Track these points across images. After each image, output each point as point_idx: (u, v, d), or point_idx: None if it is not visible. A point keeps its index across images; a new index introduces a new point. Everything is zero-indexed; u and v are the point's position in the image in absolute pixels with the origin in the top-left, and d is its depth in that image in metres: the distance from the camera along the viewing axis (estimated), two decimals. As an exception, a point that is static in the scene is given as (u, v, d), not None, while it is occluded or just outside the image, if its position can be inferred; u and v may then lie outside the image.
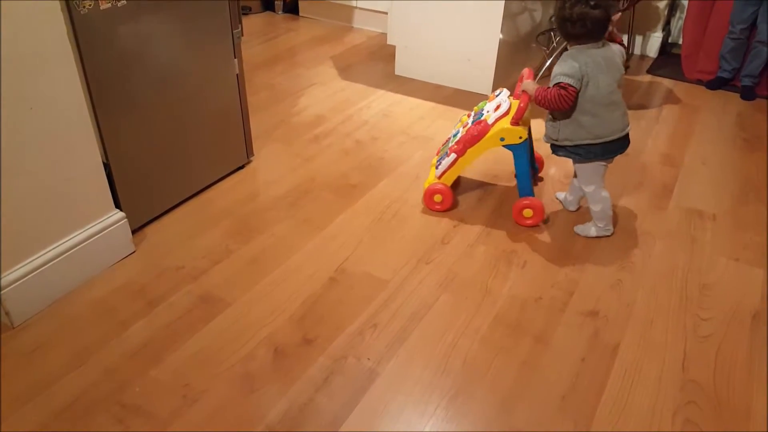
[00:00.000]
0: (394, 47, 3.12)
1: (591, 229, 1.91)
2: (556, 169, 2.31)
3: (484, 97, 2.89)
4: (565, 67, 1.66)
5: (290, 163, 2.31)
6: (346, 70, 3.17)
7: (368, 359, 1.48)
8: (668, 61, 3.39)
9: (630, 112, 2.78)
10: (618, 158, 2.35)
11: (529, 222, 1.94)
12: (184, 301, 1.65)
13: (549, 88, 1.69)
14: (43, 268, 1.58)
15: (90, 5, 1.52)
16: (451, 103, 2.83)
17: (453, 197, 2.01)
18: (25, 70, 1.40)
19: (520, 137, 1.82)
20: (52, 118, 1.49)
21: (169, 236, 1.90)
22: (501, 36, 2.74)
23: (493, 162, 2.33)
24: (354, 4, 3.70)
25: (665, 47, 3.51)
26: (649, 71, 3.27)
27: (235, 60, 2.06)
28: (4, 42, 1.34)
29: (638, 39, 3.47)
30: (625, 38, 3.40)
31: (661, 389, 1.42)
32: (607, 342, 1.55)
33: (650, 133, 2.61)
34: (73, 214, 1.64)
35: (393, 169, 2.29)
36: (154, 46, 1.74)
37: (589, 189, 1.84)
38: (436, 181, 1.99)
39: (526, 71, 1.89)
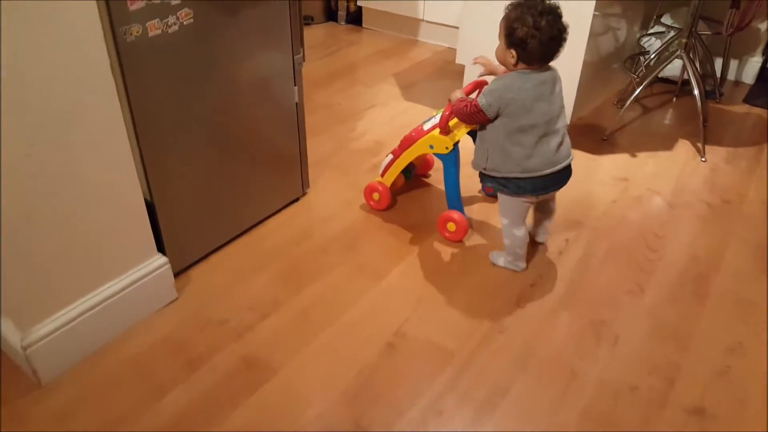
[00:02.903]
0: (462, 64, 2.89)
1: (500, 259, 1.78)
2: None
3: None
4: (490, 92, 1.51)
5: (346, 196, 2.12)
6: (409, 89, 2.97)
7: (431, 454, 1.27)
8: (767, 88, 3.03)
9: (725, 150, 2.50)
10: (717, 206, 2.07)
11: (449, 236, 1.90)
12: (226, 364, 1.48)
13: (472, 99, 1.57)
14: (76, 320, 1.44)
15: (138, 32, 1.37)
16: (523, 131, 2.58)
17: (390, 198, 2.01)
18: (63, 109, 1.25)
19: (447, 147, 1.78)
20: (92, 158, 1.34)
21: (216, 281, 1.74)
22: (585, 57, 2.47)
23: (575, 203, 2.08)
24: (421, 16, 3.49)
25: (764, 73, 3.14)
26: (745, 100, 2.92)
27: (295, 88, 1.88)
28: (41, 78, 1.20)
29: (733, 63, 3.13)
30: (719, 62, 3.07)
31: None
32: (719, 451, 1.29)
33: (752, 176, 2.30)
34: (111, 261, 1.49)
35: (460, 209, 2.07)
36: (206, 74, 1.58)
37: (504, 222, 1.70)
38: (379, 179, 2.01)
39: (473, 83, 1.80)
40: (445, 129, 1.78)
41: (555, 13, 1.46)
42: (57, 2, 1.17)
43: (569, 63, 2.49)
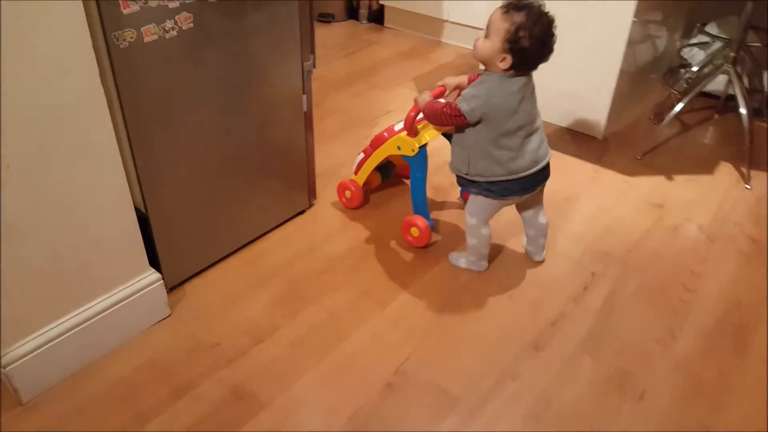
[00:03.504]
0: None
1: (461, 260, 1.75)
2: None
3: (593, 140, 2.47)
4: (473, 97, 1.44)
5: (357, 212, 2.00)
6: (430, 95, 2.81)
7: None
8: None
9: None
10: (763, 241, 1.90)
11: (411, 240, 1.84)
12: (213, 394, 1.37)
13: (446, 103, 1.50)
14: (60, 338, 1.35)
15: (132, 37, 1.26)
16: (551, 144, 2.39)
17: (362, 197, 1.98)
18: (46, 118, 1.15)
19: (413, 149, 1.70)
20: (78, 169, 1.24)
21: (211, 298, 1.63)
22: (620, 67, 2.30)
23: (604, 232, 1.92)
24: (445, 17, 3.34)
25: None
26: (795, 120, 2.70)
27: (304, 96, 1.76)
28: (22, 85, 1.09)
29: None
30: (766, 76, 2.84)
31: None
32: None
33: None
34: (98, 276, 1.39)
35: (477, 230, 1.93)
36: (207, 82, 1.47)
37: (471, 221, 1.64)
38: (352, 177, 1.98)
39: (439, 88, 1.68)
40: (411, 130, 1.70)
41: (553, 26, 1.39)
42: (40, 2, 1.06)
43: (604, 72, 2.33)
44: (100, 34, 1.21)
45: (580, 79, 2.42)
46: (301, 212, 1.97)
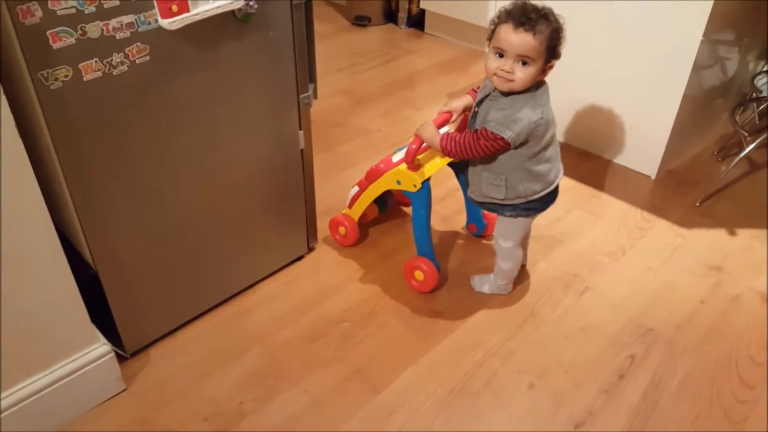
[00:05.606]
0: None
1: (485, 286, 1.65)
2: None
3: (645, 179, 2.14)
4: (515, 122, 1.29)
5: (362, 260, 1.75)
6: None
7: None
8: None
9: None
10: None
11: (416, 285, 1.65)
12: (156, 502, 1.15)
13: (468, 132, 1.36)
14: (-17, 424, 1.16)
15: (66, 76, 1.04)
16: (596, 183, 2.09)
17: (357, 234, 1.78)
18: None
19: (415, 185, 1.53)
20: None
21: (176, 369, 1.41)
22: (685, 91, 1.95)
23: (649, 301, 1.60)
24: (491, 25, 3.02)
25: None
26: None
27: (301, 132, 1.51)
28: None
29: None
30: None
31: None
32: None
33: None
34: (32, 353, 1.19)
35: (498, 292, 1.65)
36: (171, 122, 1.24)
37: (507, 245, 1.54)
38: (345, 211, 1.78)
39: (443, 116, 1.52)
40: (413, 164, 1.53)
41: None
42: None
43: (665, 97, 2.00)
44: (27, 74, 1.00)
45: (635, 105, 2.09)
46: (299, 258, 1.74)
